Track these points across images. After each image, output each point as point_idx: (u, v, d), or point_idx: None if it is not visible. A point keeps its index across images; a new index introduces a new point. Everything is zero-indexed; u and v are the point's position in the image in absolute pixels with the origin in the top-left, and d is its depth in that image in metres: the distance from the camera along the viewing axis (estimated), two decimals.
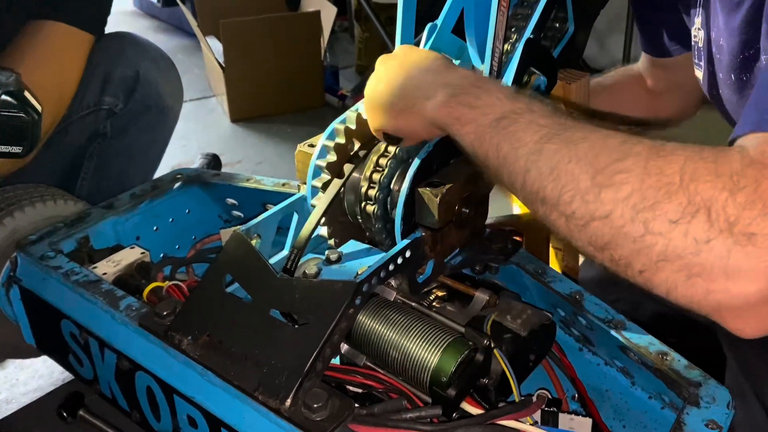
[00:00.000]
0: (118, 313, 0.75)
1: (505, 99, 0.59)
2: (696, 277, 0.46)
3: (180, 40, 4.15)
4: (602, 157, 0.50)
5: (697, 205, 0.46)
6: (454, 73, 0.64)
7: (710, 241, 0.45)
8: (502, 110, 0.58)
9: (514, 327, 0.69)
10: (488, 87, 0.62)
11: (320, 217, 0.70)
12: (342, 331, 0.61)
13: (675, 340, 1.02)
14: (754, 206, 0.44)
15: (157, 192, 1.04)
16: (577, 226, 0.51)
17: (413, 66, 0.67)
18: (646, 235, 0.47)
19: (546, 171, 0.52)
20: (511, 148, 0.55)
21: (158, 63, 1.31)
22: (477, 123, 0.59)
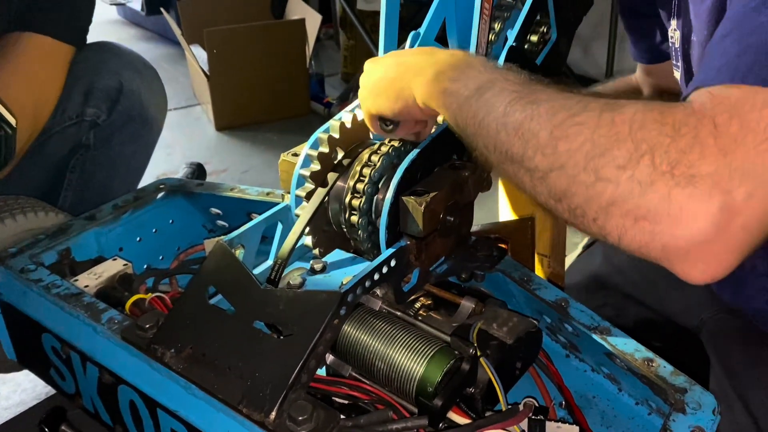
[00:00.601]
0: (100, 326, 0.74)
1: (485, 71, 0.62)
2: (642, 219, 0.48)
3: (165, 48, 4.14)
4: (560, 113, 0.53)
5: (642, 151, 0.48)
6: (444, 52, 0.67)
7: (653, 183, 0.47)
8: (481, 81, 0.60)
9: (500, 335, 0.69)
10: (472, 61, 0.64)
11: (304, 227, 0.70)
12: (327, 342, 0.61)
13: (660, 345, 1.02)
14: (692, 150, 0.47)
15: (140, 202, 1.03)
16: (539, 179, 0.54)
17: (405, 54, 0.71)
18: (597, 182, 0.49)
19: (512, 131, 0.55)
20: (485, 113, 0.58)
21: (142, 73, 1.30)
22: (458, 94, 0.61)
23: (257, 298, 0.64)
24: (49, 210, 0.99)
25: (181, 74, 3.43)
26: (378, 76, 0.71)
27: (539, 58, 0.86)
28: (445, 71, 0.64)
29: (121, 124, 1.25)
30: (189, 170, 2.10)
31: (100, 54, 1.26)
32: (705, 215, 0.46)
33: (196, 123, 2.95)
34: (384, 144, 0.75)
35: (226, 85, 2.74)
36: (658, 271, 1.05)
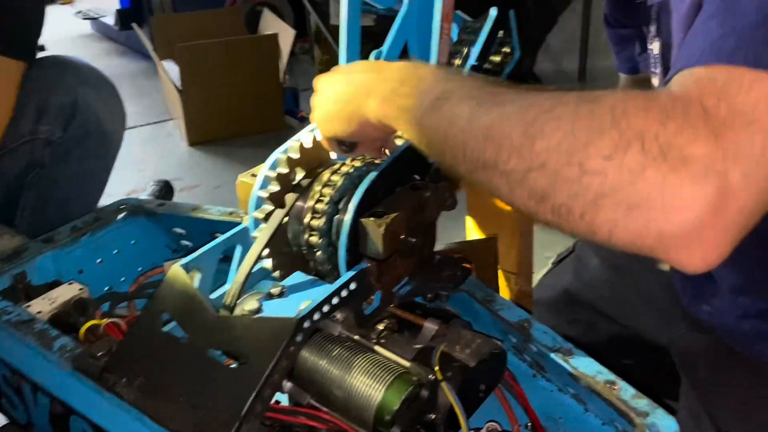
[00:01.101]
0: (51, 355, 0.71)
1: (438, 81, 0.59)
2: (635, 208, 0.46)
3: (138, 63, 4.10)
4: (531, 110, 0.50)
5: (629, 138, 0.46)
6: (392, 67, 0.65)
7: (645, 169, 0.45)
8: (436, 92, 0.58)
9: (463, 357, 0.68)
10: (422, 73, 0.62)
11: (261, 250, 0.68)
12: (283, 370, 0.59)
13: (631, 362, 1.02)
14: (683, 134, 0.45)
15: (100, 223, 1.01)
16: (517, 182, 0.51)
17: (352, 71, 0.69)
18: (583, 177, 0.47)
19: (481, 138, 0.53)
20: (448, 125, 0.56)
21: (98, 88, 1.27)
22: (415, 110, 0.59)
23: (211, 325, 0.62)
24: (4, 232, 0.97)
25: (154, 89, 3.40)
26: (329, 98, 0.69)
27: (502, 76, 0.86)
28: (396, 88, 0.62)
29: (77, 140, 1.22)
30: (156, 188, 2.07)
31: (54, 69, 1.23)
32: (701, 198, 0.44)
33: (169, 138, 2.92)
34: (345, 164, 0.74)
35: (199, 100, 2.72)
36: (628, 288, 1.06)
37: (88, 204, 1.32)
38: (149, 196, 2.02)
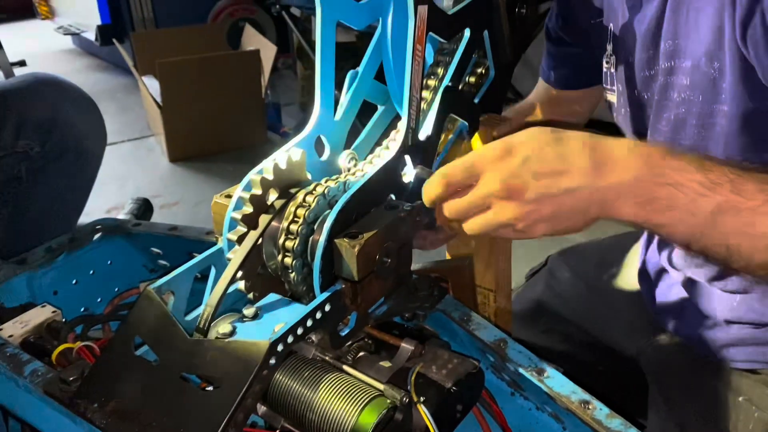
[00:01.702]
0: (22, 380, 0.70)
1: (703, 189, 0.59)
2: None
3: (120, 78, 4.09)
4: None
5: None
6: (613, 172, 0.61)
7: None
8: (711, 205, 0.59)
9: (439, 378, 0.68)
10: (673, 178, 0.60)
11: (235, 272, 0.67)
12: (256, 393, 0.59)
13: (603, 368, 1.03)
14: None
15: (75, 244, 1.00)
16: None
17: (562, 173, 0.61)
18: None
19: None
20: (743, 241, 0.60)
21: (78, 104, 1.27)
22: (684, 223, 0.60)
23: (184, 348, 0.62)
24: None
25: (135, 105, 3.39)
26: (560, 220, 0.62)
27: (477, 96, 0.87)
28: (645, 204, 0.60)
29: (55, 156, 1.21)
30: (135, 206, 2.06)
31: (34, 85, 1.23)
32: None
33: (150, 154, 2.91)
34: (319, 184, 0.74)
35: (180, 115, 2.71)
36: (598, 301, 1.07)
37: (65, 221, 1.31)
38: (128, 214, 2.00)
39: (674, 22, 0.76)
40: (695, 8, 0.73)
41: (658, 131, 0.83)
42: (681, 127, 0.80)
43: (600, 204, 0.61)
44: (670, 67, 0.79)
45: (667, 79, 0.80)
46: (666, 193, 0.60)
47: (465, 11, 0.79)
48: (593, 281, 1.08)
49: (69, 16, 4.76)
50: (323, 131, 0.80)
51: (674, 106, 0.80)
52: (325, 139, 0.81)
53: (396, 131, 0.84)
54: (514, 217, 0.62)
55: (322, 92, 0.78)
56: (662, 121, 0.82)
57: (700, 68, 0.74)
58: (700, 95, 0.76)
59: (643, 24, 0.81)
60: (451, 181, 0.65)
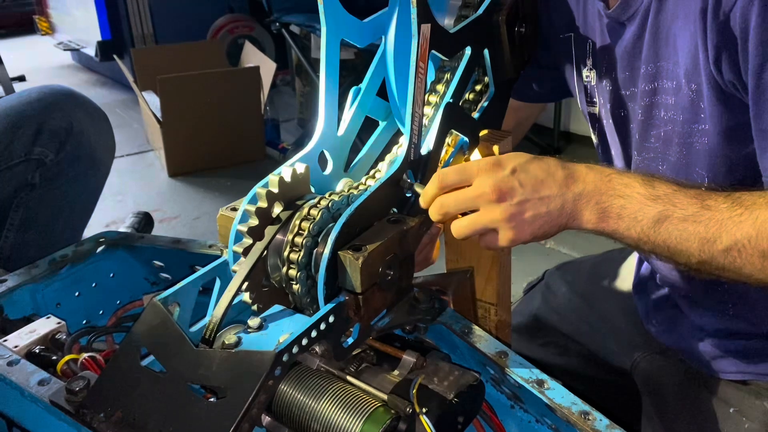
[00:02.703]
0: (28, 390, 0.71)
1: (646, 201, 0.70)
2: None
3: (119, 94, 4.11)
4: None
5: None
6: (580, 183, 0.72)
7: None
8: (652, 215, 0.70)
9: (441, 390, 0.69)
10: (623, 192, 0.71)
11: (241, 284, 0.68)
12: (261, 403, 0.60)
13: (599, 381, 1.04)
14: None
15: (79, 256, 1.01)
16: None
17: (543, 182, 0.71)
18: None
19: (721, 256, 0.68)
20: (678, 246, 0.69)
21: (91, 115, 1.31)
22: (633, 230, 0.70)
23: (190, 359, 0.63)
24: None
25: (134, 120, 3.41)
26: (532, 223, 0.71)
27: (477, 112, 0.89)
28: (601, 213, 0.71)
29: (67, 164, 1.25)
30: (135, 219, 2.07)
31: (53, 96, 1.27)
32: None
33: (149, 169, 2.92)
34: (324, 198, 0.75)
35: (180, 131, 2.72)
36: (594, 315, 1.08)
37: (73, 229, 1.34)
38: (129, 228, 2.01)
39: (655, 46, 0.80)
40: (674, 33, 0.77)
41: (647, 148, 0.86)
42: (668, 145, 0.82)
43: (567, 211, 0.71)
44: (654, 88, 0.82)
45: (651, 99, 0.83)
46: (617, 204, 0.70)
47: (466, 30, 0.81)
48: (589, 295, 1.10)
49: (69, 32, 4.79)
50: (326, 146, 0.82)
51: (662, 124, 0.82)
52: (328, 154, 0.83)
53: (398, 146, 0.86)
54: (501, 218, 0.70)
55: (326, 108, 0.80)
56: (651, 139, 0.85)
57: (681, 89, 0.78)
58: (681, 115, 0.79)
59: (622, 46, 0.84)
60: (446, 180, 0.72)
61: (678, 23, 0.76)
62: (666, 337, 0.94)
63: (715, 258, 0.68)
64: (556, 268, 1.19)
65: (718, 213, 0.68)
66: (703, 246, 0.68)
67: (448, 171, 0.73)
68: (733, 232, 0.67)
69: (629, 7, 0.81)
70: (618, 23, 0.84)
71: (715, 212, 0.68)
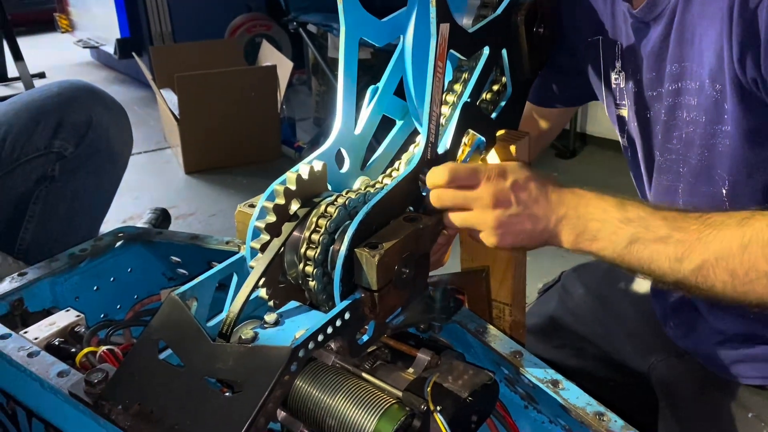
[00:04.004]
0: (47, 381, 0.72)
1: (620, 224, 0.74)
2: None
3: (137, 91, 4.15)
4: (731, 247, 0.69)
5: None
6: (563, 207, 0.77)
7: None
8: (624, 238, 0.73)
9: (455, 388, 0.69)
10: (599, 216, 0.75)
11: (258, 280, 0.69)
12: (277, 398, 0.60)
13: (614, 384, 1.04)
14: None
15: (97, 251, 1.02)
16: (742, 284, 0.69)
17: (536, 202, 0.77)
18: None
19: (690, 275, 0.71)
20: (651, 266, 0.73)
21: (111, 110, 1.34)
22: (608, 250, 0.75)
23: (207, 353, 0.63)
24: (2, 258, 0.98)
25: (151, 117, 3.43)
26: (514, 232, 0.76)
27: (495, 112, 0.89)
28: (578, 234, 0.76)
29: (86, 157, 1.28)
30: (153, 216, 2.09)
31: (72, 90, 1.30)
32: None
33: (166, 166, 2.95)
34: (341, 195, 0.76)
35: (197, 128, 2.74)
36: (610, 317, 1.08)
37: (91, 223, 1.36)
38: (146, 223, 2.03)
39: (680, 46, 0.80)
40: (699, 33, 0.77)
41: (669, 150, 0.85)
42: (690, 146, 0.82)
43: (549, 231, 0.77)
44: (678, 88, 0.81)
45: (675, 100, 0.83)
46: (593, 227, 0.75)
47: (485, 30, 0.81)
48: (606, 297, 1.09)
49: (88, 30, 4.84)
50: (344, 145, 0.82)
51: (684, 126, 0.82)
52: (345, 153, 0.83)
53: (415, 145, 0.86)
54: (491, 224, 0.76)
55: (344, 106, 0.80)
56: (673, 140, 0.84)
57: (705, 90, 0.78)
58: (704, 116, 0.79)
59: (648, 47, 0.84)
60: (456, 175, 0.76)
61: (704, 23, 0.75)
62: (684, 340, 0.93)
63: (687, 277, 0.72)
64: (572, 270, 1.18)
65: (688, 234, 0.71)
66: (673, 265, 0.71)
67: (462, 169, 0.77)
68: (700, 252, 0.70)
69: (655, 7, 0.81)
70: (643, 23, 0.84)
71: (685, 234, 0.71)
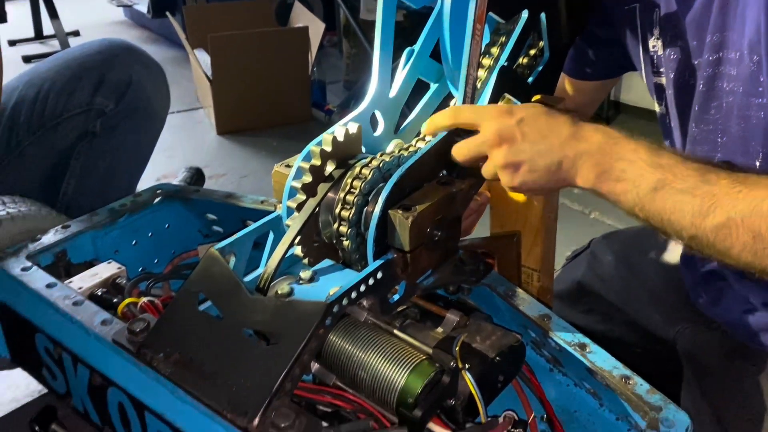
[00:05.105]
0: (92, 329, 0.75)
1: (648, 167, 0.70)
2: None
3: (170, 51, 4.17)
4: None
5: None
6: (584, 143, 0.72)
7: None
8: (650, 182, 0.69)
9: (483, 348, 0.70)
10: (627, 156, 0.71)
11: (294, 237, 0.71)
12: (312, 351, 0.62)
13: (640, 351, 1.05)
14: None
15: (136, 206, 1.05)
16: (763, 248, 0.66)
17: (545, 137, 0.73)
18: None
19: (712, 232, 0.68)
20: (671, 217, 0.69)
21: (150, 69, 1.37)
22: (630, 194, 0.71)
23: (245, 305, 0.66)
24: (47, 211, 1.01)
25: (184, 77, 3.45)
26: (526, 168, 0.73)
27: (531, 77, 0.88)
28: (602, 173, 0.71)
29: (126, 114, 1.31)
30: (188, 174, 2.13)
31: (112, 49, 1.33)
32: None
33: (198, 126, 2.98)
34: (375, 158, 0.77)
35: (229, 89, 2.76)
36: (638, 284, 1.09)
37: (129, 179, 1.40)
38: (181, 182, 2.07)
39: (722, 15, 0.79)
40: (743, 2, 0.76)
41: (705, 120, 0.85)
42: (728, 117, 0.81)
43: (566, 168, 0.72)
44: (717, 58, 0.80)
45: (714, 69, 0.82)
46: (618, 167, 0.70)
47: None
48: (635, 265, 1.10)
49: None
50: (379, 107, 0.83)
51: (723, 96, 0.81)
52: (380, 115, 0.84)
53: None
54: (499, 164, 0.74)
55: (380, 69, 0.81)
56: (711, 110, 0.84)
57: (744, 60, 0.77)
58: (741, 87, 0.78)
59: (688, 15, 0.83)
60: (459, 117, 0.75)
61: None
62: (713, 309, 0.94)
63: (706, 234, 0.68)
64: (602, 237, 1.19)
65: (716, 188, 0.67)
66: (695, 220, 0.68)
67: (464, 109, 0.76)
68: (727, 208, 0.66)
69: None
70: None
71: (714, 186, 0.68)
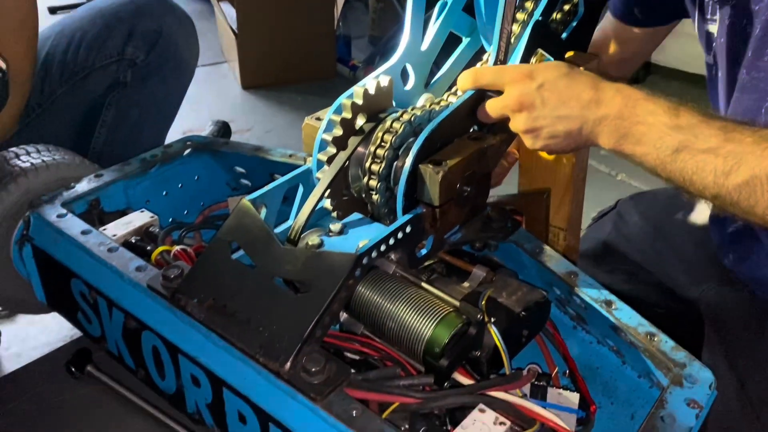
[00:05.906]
0: (127, 275, 0.77)
1: (668, 130, 0.69)
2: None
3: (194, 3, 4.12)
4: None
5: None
6: (603, 107, 0.72)
7: None
8: (671, 144, 0.69)
9: (509, 303, 0.71)
10: (646, 119, 0.70)
11: (324, 190, 0.72)
12: (341, 300, 0.64)
13: (663, 310, 1.05)
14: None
15: (167, 157, 1.06)
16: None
17: (565, 102, 0.73)
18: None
19: (736, 190, 0.67)
20: (693, 177, 0.69)
21: (180, 20, 1.37)
22: (651, 156, 0.71)
23: (277, 255, 0.67)
24: (81, 160, 1.03)
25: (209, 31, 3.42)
26: (548, 132, 0.74)
27: (565, 33, 0.87)
28: (621, 137, 0.71)
29: (156, 65, 1.31)
30: (215, 128, 2.14)
31: (144, 0, 1.32)
32: None
33: (223, 80, 2.97)
34: (406, 112, 0.77)
35: (254, 43, 2.74)
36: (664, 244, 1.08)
37: (158, 130, 1.41)
38: (210, 134, 2.08)
39: None
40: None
41: (758, 67, 0.82)
42: None
43: (586, 132, 0.73)
44: None
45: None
46: (638, 130, 0.71)
47: None
48: (662, 226, 1.09)
49: None
50: (410, 60, 0.82)
51: None
52: (411, 69, 0.83)
53: (482, 63, 0.85)
54: (520, 129, 0.75)
55: (412, 22, 0.80)
56: (765, 57, 0.81)
57: None
58: None
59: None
60: (480, 80, 0.75)
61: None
62: (740, 266, 0.93)
63: (730, 193, 0.68)
64: (629, 198, 1.18)
65: (740, 146, 0.67)
66: (718, 179, 0.68)
67: (485, 71, 0.76)
68: (751, 166, 0.66)
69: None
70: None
71: (737, 145, 0.67)
